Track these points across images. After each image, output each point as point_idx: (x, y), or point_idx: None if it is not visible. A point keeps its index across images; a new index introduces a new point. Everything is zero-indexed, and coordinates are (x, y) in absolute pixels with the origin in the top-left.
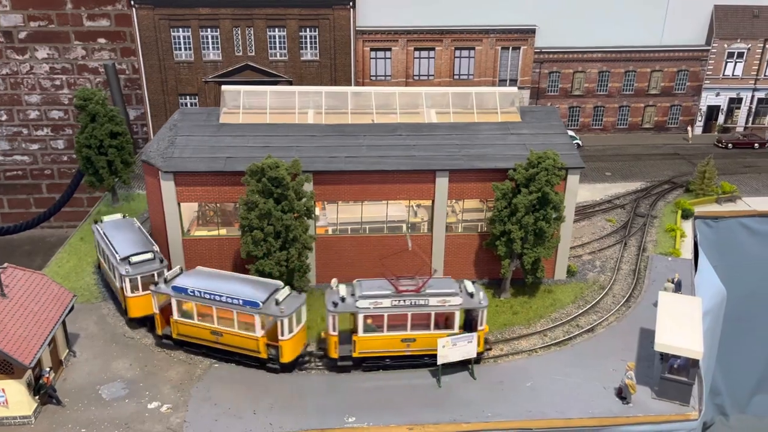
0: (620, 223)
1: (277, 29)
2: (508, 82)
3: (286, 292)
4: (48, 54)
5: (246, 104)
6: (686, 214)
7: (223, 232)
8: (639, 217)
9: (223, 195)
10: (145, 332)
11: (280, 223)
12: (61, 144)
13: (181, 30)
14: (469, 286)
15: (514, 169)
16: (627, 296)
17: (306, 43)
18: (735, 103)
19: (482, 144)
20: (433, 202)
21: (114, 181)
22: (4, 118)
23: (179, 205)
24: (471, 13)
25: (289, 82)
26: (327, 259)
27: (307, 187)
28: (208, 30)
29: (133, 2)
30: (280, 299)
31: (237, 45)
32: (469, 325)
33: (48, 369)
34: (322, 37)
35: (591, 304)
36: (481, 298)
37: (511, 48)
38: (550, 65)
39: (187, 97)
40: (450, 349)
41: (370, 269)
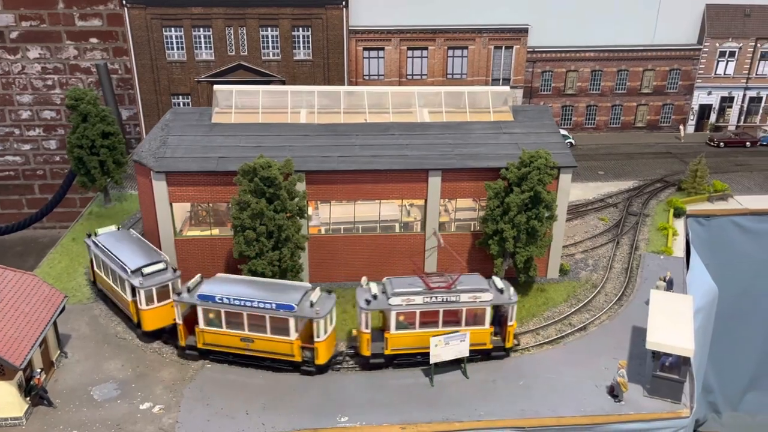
0: (613, 221)
1: (269, 29)
2: (501, 82)
3: (318, 293)
4: (40, 54)
5: (238, 104)
6: (678, 213)
7: (216, 232)
8: (631, 216)
9: (215, 195)
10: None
11: (272, 223)
12: (53, 144)
13: (173, 29)
14: (499, 282)
15: (507, 169)
16: (619, 295)
17: (299, 42)
18: (727, 101)
19: (475, 143)
20: (426, 201)
21: (106, 182)
22: None
23: (171, 205)
24: (464, 12)
25: (282, 82)
26: (320, 259)
27: (300, 187)
28: (201, 30)
29: (124, 2)
30: (314, 300)
31: (230, 45)
32: (498, 321)
33: (39, 370)
34: (315, 36)
35: (583, 303)
36: (511, 294)
37: (503, 47)
38: (543, 64)
39: (180, 97)
40: (443, 348)
41: (363, 269)
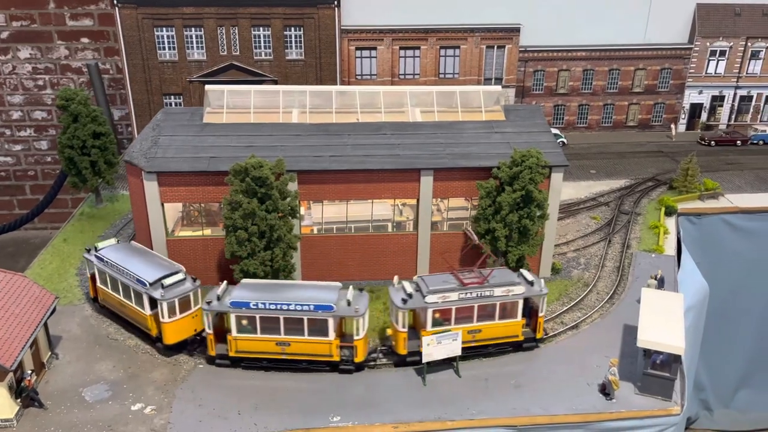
0: (604, 220)
1: (261, 28)
2: (493, 81)
3: (353, 292)
4: (30, 54)
5: (230, 104)
6: (670, 211)
7: (208, 232)
8: (623, 215)
9: (207, 195)
10: (129, 335)
11: (264, 223)
12: (44, 145)
13: (164, 29)
14: (528, 275)
15: (498, 168)
16: (611, 293)
17: (291, 42)
18: (718, 100)
19: (467, 143)
20: (418, 200)
21: (97, 182)
22: None
23: (163, 205)
24: (456, 12)
25: (275, 82)
26: (312, 259)
27: (292, 187)
28: (192, 29)
29: (116, 2)
30: (351, 299)
31: (221, 44)
32: (528, 313)
33: (30, 371)
34: (307, 36)
35: (575, 301)
36: (542, 286)
37: (496, 47)
38: (535, 64)
39: (172, 97)
40: (435, 347)
41: (356, 268)
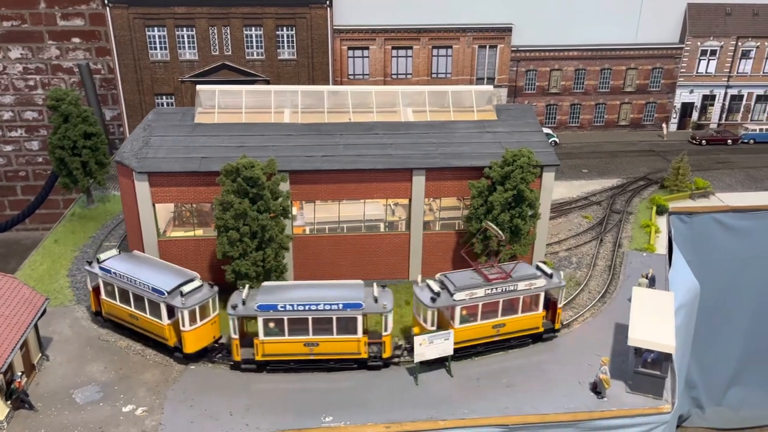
0: (596, 219)
1: (253, 28)
2: (485, 81)
3: (378, 289)
4: (21, 54)
5: (221, 104)
6: (661, 210)
7: (200, 232)
8: (615, 214)
9: (198, 195)
10: (120, 336)
11: (255, 223)
12: (35, 145)
13: (156, 29)
14: (546, 268)
15: (490, 167)
16: (602, 292)
17: (283, 42)
18: (708, 100)
19: (459, 142)
20: (411, 200)
21: (88, 183)
22: None
23: (154, 206)
24: (448, 11)
25: (267, 82)
26: (304, 259)
27: (284, 187)
28: (184, 29)
29: (107, 1)
30: (377, 296)
31: (213, 44)
32: (546, 305)
33: (20, 373)
34: (300, 36)
35: (567, 300)
36: (560, 278)
37: (488, 46)
38: (527, 63)
39: (164, 97)
40: (427, 347)
41: (349, 268)
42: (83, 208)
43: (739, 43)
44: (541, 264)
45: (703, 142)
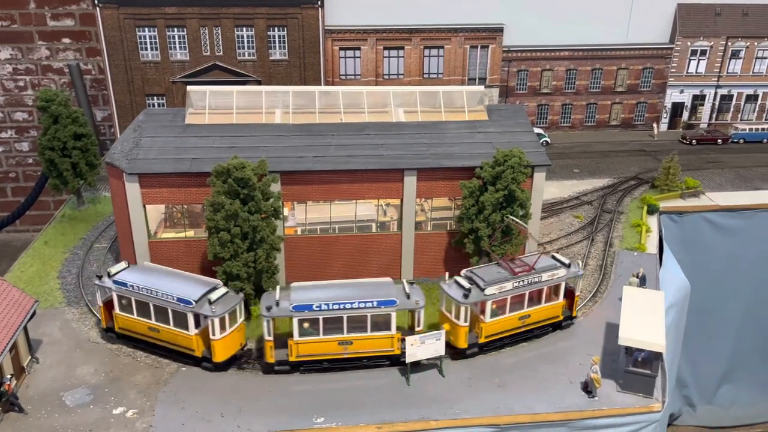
0: (588, 219)
1: (245, 29)
2: (477, 81)
3: (408, 285)
4: (11, 54)
5: (212, 104)
6: (652, 210)
7: (191, 234)
8: (606, 213)
9: (189, 196)
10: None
11: (247, 224)
12: (25, 146)
13: (147, 30)
14: (563, 258)
15: (481, 168)
16: (594, 291)
17: (274, 42)
18: (699, 99)
19: (450, 143)
20: (402, 201)
21: (79, 184)
22: None
23: (145, 207)
24: (439, 11)
25: (258, 82)
26: (296, 260)
27: (275, 188)
28: (175, 30)
29: (97, 2)
30: (409, 292)
31: (204, 45)
32: (564, 294)
33: (9, 376)
34: (291, 36)
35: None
36: (578, 268)
37: (479, 46)
38: (519, 63)
39: (155, 98)
40: (419, 348)
41: (340, 269)
42: (73, 209)
43: (729, 43)
44: (557, 254)
45: (694, 141)
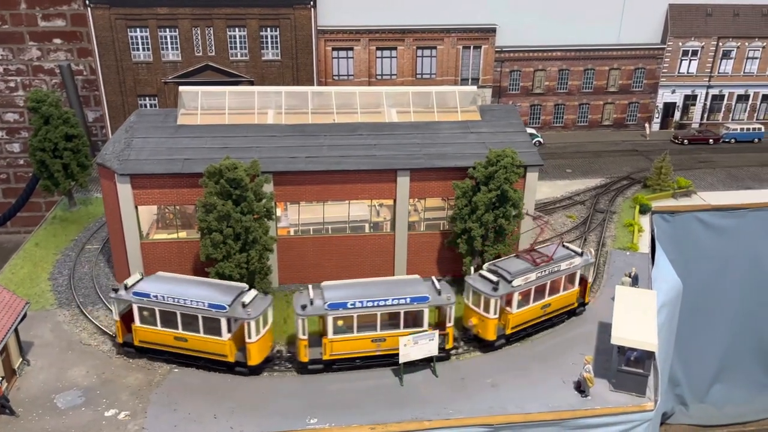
0: (580, 219)
1: (237, 29)
2: (470, 81)
3: (436, 281)
4: (2, 55)
5: (204, 105)
6: (644, 209)
7: (183, 234)
8: (598, 213)
9: (181, 197)
10: (103, 339)
11: (239, 225)
12: (16, 147)
13: (138, 30)
14: (574, 247)
15: (474, 168)
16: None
17: (267, 42)
18: (690, 99)
19: (443, 143)
20: (395, 201)
21: (70, 185)
22: None
23: (136, 208)
24: (432, 12)
25: (251, 83)
26: (289, 260)
27: (267, 188)
28: (167, 30)
29: (88, 2)
30: (440, 288)
31: (197, 45)
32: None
33: (0, 378)
34: (284, 36)
35: None
36: (590, 255)
37: (472, 47)
38: (511, 64)
39: (147, 98)
40: (412, 348)
41: (333, 269)
42: (65, 210)
43: (720, 44)
44: (568, 244)
45: (685, 141)
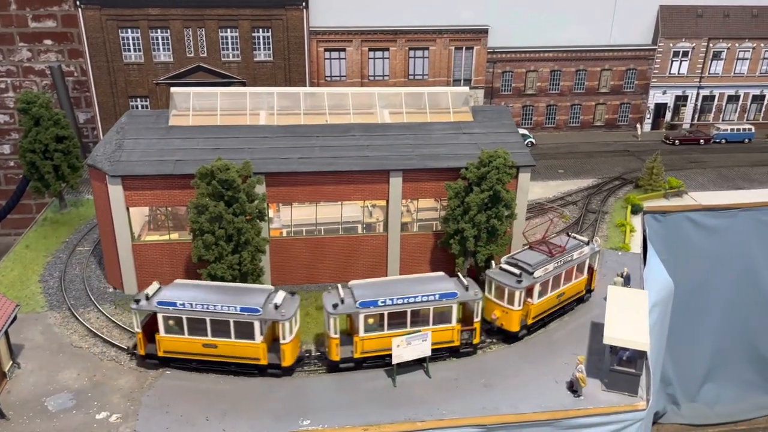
0: (573, 219)
1: (229, 30)
2: (462, 82)
3: (464, 278)
4: None
5: (196, 106)
6: (636, 210)
7: (175, 236)
8: (591, 213)
9: (173, 199)
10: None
11: (231, 226)
12: (6, 149)
13: (129, 31)
14: (581, 237)
15: (466, 168)
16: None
17: (259, 43)
18: (681, 100)
19: (435, 144)
20: (388, 202)
21: (61, 187)
22: None
23: (128, 209)
24: (424, 13)
25: (243, 83)
26: (281, 262)
27: (260, 189)
28: (158, 31)
29: (79, 3)
30: (468, 284)
31: (188, 46)
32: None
33: None
34: (276, 37)
35: None
36: (597, 245)
37: (464, 48)
38: (503, 65)
39: (138, 100)
40: (404, 349)
41: (326, 271)
42: (56, 212)
43: (711, 45)
44: (572, 234)
45: (676, 142)
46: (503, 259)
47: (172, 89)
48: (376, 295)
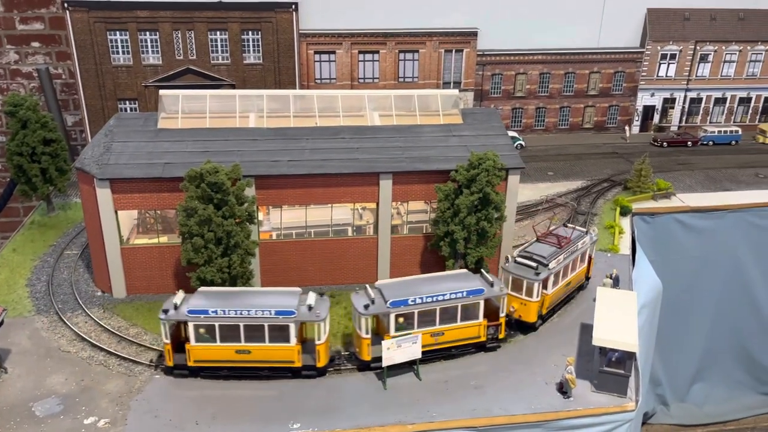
0: (562, 221)
1: (218, 32)
2: (452, 85)
3: (488, 275)
4: None
5: (185, 109)
6: (624, 211)
7: (164, 239)
8: (580, 215)
9: (162, 202)
10: (83, 346)
11: (221, 230)
12: None
13: (118, 33)
14: (579, 228)
15: (456, 171)
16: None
17: (249, 46)
18: (669, 102)
19: (425, 146)
20: (378, 204)
21: (48, 190)
22: None
23: (116, 213)
24: (414, 15)
25: (232, 86)
26: (271, 265)
27: (249, 192)
28: (147, 33)
29: (67, 5)
30: (493, 280)
31: (178, 48)
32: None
33: None
34: (265, 40)
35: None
36: (594, 234)
37: (454, 51)
38: (493, 67)
39: (127, 102)
40: (395, 351)
41: (316, 273)
42: (43, 215)
43: (698, 47)
44: (568, 224)
45: (665, 144)
46: (517, 252)
47: (161, 92)
48: (405, 294)
